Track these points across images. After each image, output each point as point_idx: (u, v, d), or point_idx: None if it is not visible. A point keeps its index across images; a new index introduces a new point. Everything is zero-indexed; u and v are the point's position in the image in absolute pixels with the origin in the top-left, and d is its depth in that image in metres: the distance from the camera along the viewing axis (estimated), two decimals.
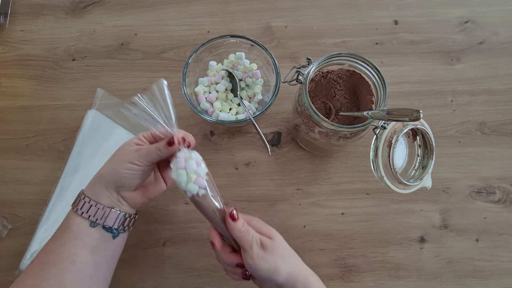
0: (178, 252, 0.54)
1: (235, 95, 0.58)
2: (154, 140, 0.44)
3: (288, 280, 0.41)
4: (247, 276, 0.42)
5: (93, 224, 0.41)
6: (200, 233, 0.55)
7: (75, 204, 0.42)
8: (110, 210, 0.41)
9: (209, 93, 0.58)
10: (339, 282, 0.53)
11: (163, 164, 0.46)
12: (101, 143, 0.57)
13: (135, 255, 0.54)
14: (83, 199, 0.41)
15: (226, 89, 0.58)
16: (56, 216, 0.54)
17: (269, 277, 0.40)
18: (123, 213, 0.42)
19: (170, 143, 0.41)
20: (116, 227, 0.42)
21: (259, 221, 0.44)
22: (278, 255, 0.41)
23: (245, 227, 0.41)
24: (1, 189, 0.57)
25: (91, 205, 0.41)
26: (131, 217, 0.44)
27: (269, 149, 0.51)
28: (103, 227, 0.41)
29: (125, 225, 0.43)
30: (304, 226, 0.55)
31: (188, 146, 0.42)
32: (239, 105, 0.58)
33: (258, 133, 0.52)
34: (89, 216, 0.41)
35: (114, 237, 0.42)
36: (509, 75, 0.61)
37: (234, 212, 0.41)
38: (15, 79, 0.63)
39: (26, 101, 0.62)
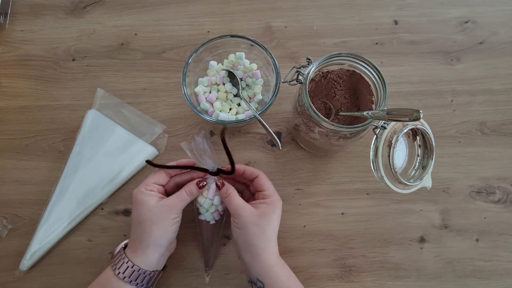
0: (178, 252, 0.54)
1: (237, 95, 0.58)
2: (163, 183, 0.48)
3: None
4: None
5: (134, 283, 0.45)
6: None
7: (121, 271, 0.44)
8: (155, 273, 0.46)
9: (209, 93, 0.58)
10: (339, 282, 0.53)
11: None
12: (101, 143, 0.57)
13: None
14: (132, 267, 0.44)
15: (226, 91, 0.58)
16: (56, 216, 0.54)
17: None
18: (161, 271, 0.48)
19: (202, 186, 0.47)
20: (154, 284, 0.47)
21: (260, 179, 0.48)
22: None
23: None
24: (1, 189, 0.57)
25: (140, 274, 0.44)
26: (164, 269, 0.50)
27: (279, 144, 0.51)
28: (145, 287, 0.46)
29: (159, 279, 0.48)
30: (304, 226, 0.55)
31: (222, 184, 0.48)
32: (239, 105, 0.58)
33: (266, 129, 0.51)
34: (137, 283, 0.44)
35: None
36: (509, 75, 0.61)
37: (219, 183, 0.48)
38: (15, 79, 0.63)
39: (26, 101, 0.62)
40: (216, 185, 0.48)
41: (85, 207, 0.55)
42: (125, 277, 0.43)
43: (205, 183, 0.47)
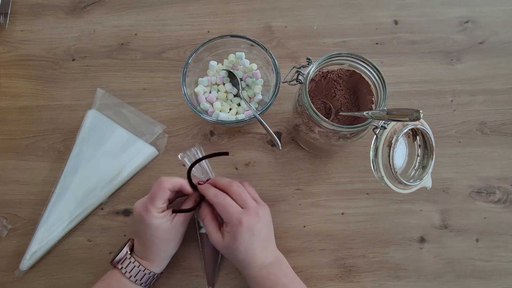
0: (178, 252, 0.54)
1: (237, 95, 0.58)
2: (170, 197, 0.48)
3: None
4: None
5: (142, 285, 0.48)
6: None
7: (124, 267, 0.47)
8: (160, 273, 0.50)
9: (209, 93, 0.58)
10: (339, 282, 0.53)
11: None
12: (101, 143, 0.57)
13: None
14: (148, 274, 0.47)
15: (226, 91, 0.58)
16: (56, 216, 0.54)
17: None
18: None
19: (197, 201, 0.49)
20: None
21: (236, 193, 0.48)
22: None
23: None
24: (1, 189, 0.57)
25: (155, 278, 0.48)
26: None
27: (279, 144, 0.51)
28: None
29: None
30: (304, 226, 0.55)
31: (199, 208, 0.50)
32: (239, 105, 0.58)
33: (266, 129, 0.51)
34: (147, 284, 0.48)
35: None
36: (509, 75, 0.61)
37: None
38: (15, 79, 0.63)
39: (26, 101, 0.62)
40: (198, 205, 0.50)
41: (85, 207, 0.55)
42: (131, 276, 0.46)
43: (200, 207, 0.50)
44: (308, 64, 0.45)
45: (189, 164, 0.50)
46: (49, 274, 0.54)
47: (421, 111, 0.35)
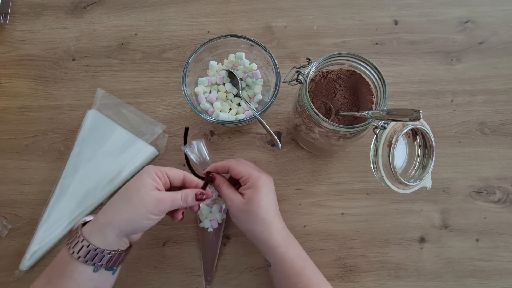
0: (178, 252, 0.54)
1: (237, 95, 0.58)
2: (178, 184, 0.44)
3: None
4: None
5: (97, 269, 0.40)
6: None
7: (75, 251, 0.39)
8: (116, 253, 0.40)
9: (209, 93, 0.58)
10: (339, 282, 0.53)
11: None
12: (101, 143, 0.57)
13: (135, 255, 0.54)
14: (87, 246, 0.39)
15: (226, 91, 0.58)
16: (56, 216, 0.54)
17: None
18: (125, 251, 0.42)
19: (200, 198, 0.44)
20: (117, 265, 0.42)
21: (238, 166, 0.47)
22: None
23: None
24: (1, 189, 0.57)
25: (98, 253, 0.39)
26: (128, 250, 0.43)
27: (279, 144, 0.51)
28: (105, 268, 0.40)
29: (123, 259, 0.42)
30: (304, 226, 0.55)
31: (214, 178, 0.48)
32: (239, 105, 0.58)
33: (266, 129, 0.51)
34: (94, 263, 0.39)
35: (113, 273, 0.42)
36: (509, 75, 0.61)
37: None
38: (15, 79, 0.63)
39: (26, 101, 0.62)
40: (211, 179, 0.47)
41: (85, 207, 0.55)
42: (79, 256, 0.38)
43: (205, 197, 0.45)
44: (308, 64, 0.45)
45: (191, 156, 0.50)
46: None
47: (421, 111, 0.35)
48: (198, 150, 0.50)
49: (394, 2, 0.66)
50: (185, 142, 0.50)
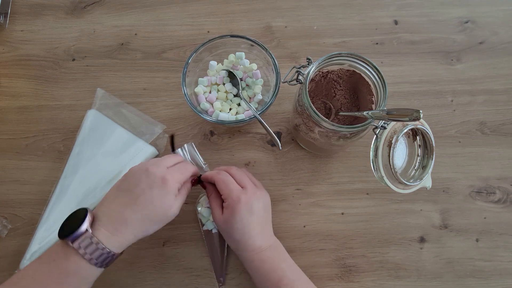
0: (178, 252, 0.54)
1: (237, 95, 0.58)
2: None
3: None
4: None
5: (102, 268, 0.41)
6: (200, 233, 0.55)
7: (88, 252, 0.38)
8: (120, 253, 0.42)
9: (209, 93, 0.58)
10: (339, 282, 0.53)
11: None
12: (101, 143, 0.57)
13: (135, 255, 0.54)
14: (102, 249, 0.39)
15: (226, 91, 0.58)
16: (56, 216, 0.54)
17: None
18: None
19: (193, 183, 0.49)
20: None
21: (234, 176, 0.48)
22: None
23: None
24: (1, 189, 0.57)
25: (110, 257, 0.40)
26: None
27: (279, 144, 0.51)
28: (106, 266, 0.41)
29: None
30: (304, 226, 0.55)
31: (204, 187, 0.50)
32: (239, 105, 0.58)
33: (266, 129, 0.51)
34: (104, 264, 0.40)
35: (104, 268, 0.42)
36: (509, 75, 0.61)
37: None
38: (15, 79, 0.63)
39: (26, 101, 0.62)
40: (202, 187, 0.51)
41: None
42: (91, 258, 0.39)
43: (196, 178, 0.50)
44: (308, 64, 0.45)
45: (188, 158, 0.53)
46: None
47: (421, 111, 0.35)
48: (189, 153, 0.53)
49: (394, 2, 0.66)
50: (173, 149, 0.53)
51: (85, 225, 0.39)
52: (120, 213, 0.41)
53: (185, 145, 0.54)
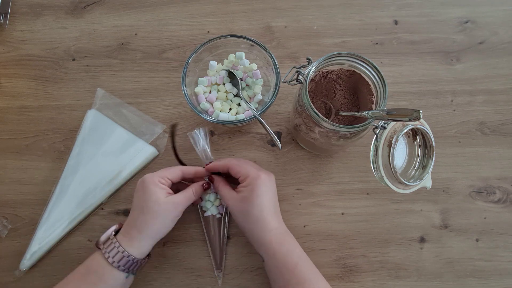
0: (178, 252, 0.54)
1: (237, 95, 0.58)
2: (176, 180, 0.49)
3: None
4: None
5: (128, 275, 0.45)
6: (200, 233, 0.55)
7: (115, 260, 0.44)
8: (145, 260, 0.47)
9: (209, 93, 0.58)
10: (339, 282, 0.53)
11: None
12: (101, 143, 0.57)
13: None
14: (127, 257, 0.44)
15: (226, 91, 0.58)
16: (56, 216, 0.54)
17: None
18: (148, 256, 0.48)
19: (206, 188, 0.51)
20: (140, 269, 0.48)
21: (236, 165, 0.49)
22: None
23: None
24: (1, 189, 0.57)
25: (134, 263, 0.45)
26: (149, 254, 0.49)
27: (279, 144, 0.51)
28: (133, 273, 0.46)
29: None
30: (304, 226, 0.55)
31: (212, 179, 0.52)
32: (239, 105, 0.58)
33: (266, 129, 0.51)
34: (129, 270, 0.45)
35: (133, 276, 0.47)
36: (509, 75, 0.61)
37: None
38: (15, 79, 0.63)
39: (26, 101, 0.62)
40: (209, 179, 0.52)
41: (85, 207, 0.55)
42: (114, 261, 0.44)
43: (208, 186, 0.51)
44: (308, 64, 0.45)
45: (195, 143, 0.53)
46: (49, 274, 0.54)
47: (421, 111, 0.35)
48: (204, 136, 0.53)
49: (394, 2, 0.66)
50: (173, 140, 0.53)
51: (109, 232, 0.46)
52: (131, 221, 0.46)
53: (201, 129, 0.53)
